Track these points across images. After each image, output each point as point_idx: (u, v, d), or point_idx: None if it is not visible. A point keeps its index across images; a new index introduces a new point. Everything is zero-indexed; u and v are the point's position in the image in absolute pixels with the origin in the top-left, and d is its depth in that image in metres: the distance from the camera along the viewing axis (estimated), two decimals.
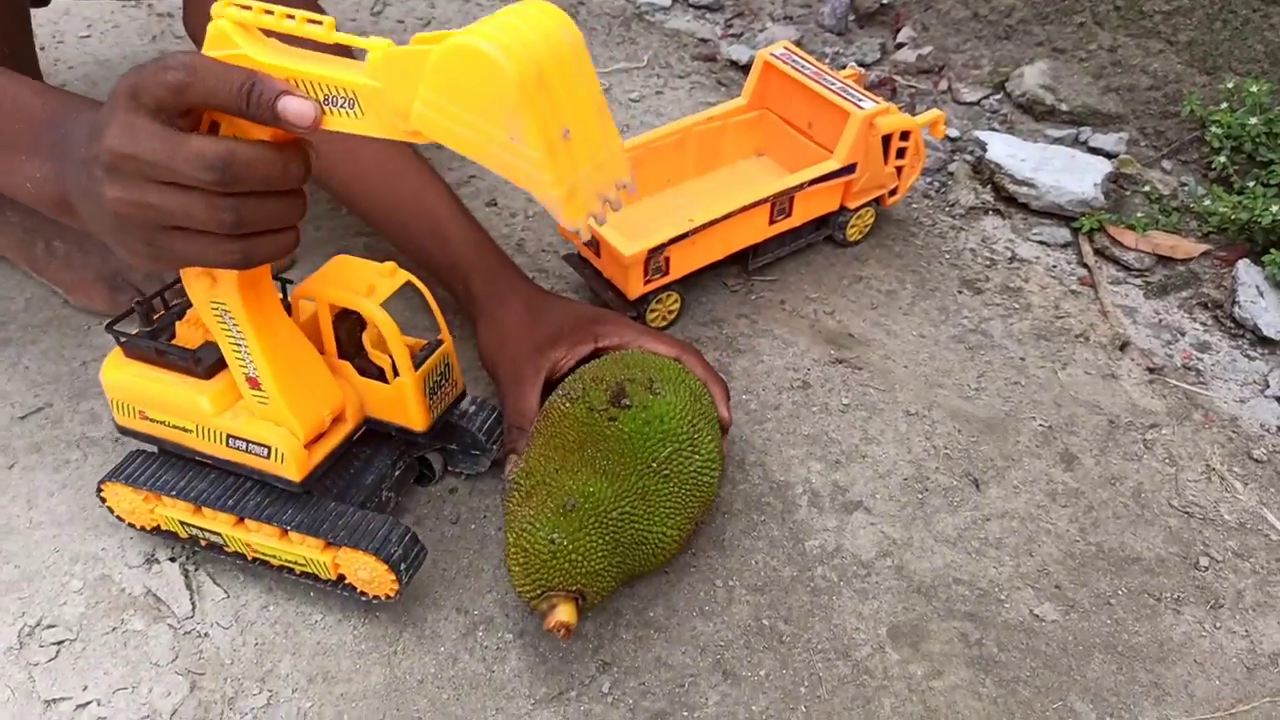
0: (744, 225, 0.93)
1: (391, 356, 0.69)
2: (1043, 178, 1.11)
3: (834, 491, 0.82)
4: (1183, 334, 1.00)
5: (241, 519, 0.72)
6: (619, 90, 1.31)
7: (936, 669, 0.70)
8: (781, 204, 0.94)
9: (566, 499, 0.64)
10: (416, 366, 0.70)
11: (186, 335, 0.70)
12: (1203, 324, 1.00)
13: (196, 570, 0.77)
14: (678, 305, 0.95)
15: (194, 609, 0.75)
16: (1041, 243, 1.10)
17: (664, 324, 0.96)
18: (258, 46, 0.51)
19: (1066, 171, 1.13)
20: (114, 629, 0.74)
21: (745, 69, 1.38)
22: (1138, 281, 1.05)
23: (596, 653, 0.71)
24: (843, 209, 1.00)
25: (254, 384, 0.65)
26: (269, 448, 0.67)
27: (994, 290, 1.01)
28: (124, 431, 0.74)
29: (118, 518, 0.77)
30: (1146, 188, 1.16)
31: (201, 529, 0.74)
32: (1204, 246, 1.08)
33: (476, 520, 0.80)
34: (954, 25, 1.45)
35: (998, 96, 1.35)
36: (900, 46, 1.47)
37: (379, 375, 0.71)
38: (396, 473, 0.76)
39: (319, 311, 0.71)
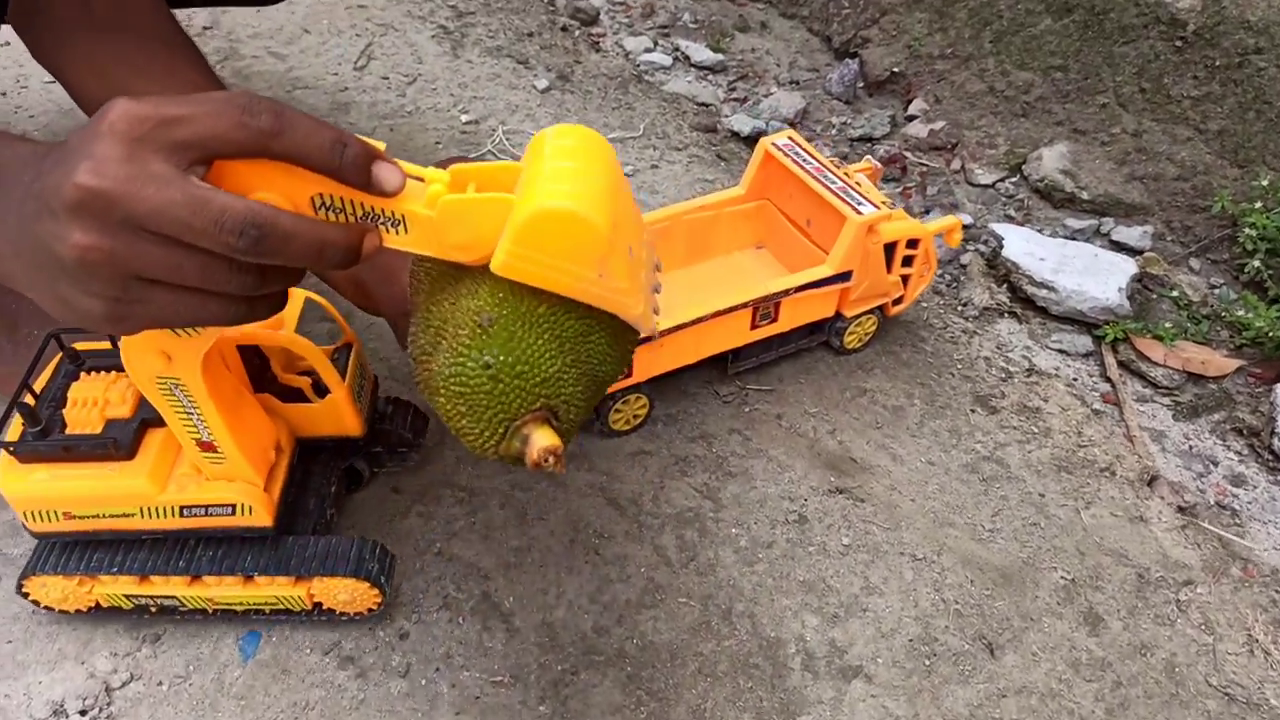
0: (721, 329, 0.83)
1: (315, 375, 0.67)
2: (1064, 280, 1.01)
3: (831, 652, 0.72)
4: (1216, 464, 0.89)
5: (197, 577, 0.66)
6: None
7: None
8: (765, 309, 0.84)
9: (477, 317, 0.47)
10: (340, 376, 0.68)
11: (80, 419, 0.61)
12: (1237, 453, 0.90)
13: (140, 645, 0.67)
14: (645, 409, 0.85)
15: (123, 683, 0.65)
16: (1061, 351, 1.00)
17: (629, 427, 0.85)
18: None
19: (1089, 273, 1.03)
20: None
21: (747, 141, 1.28)
22: (1166, 401, 0.95)
23: None
24: (839, 315, 0.90)
25: (207, 447, 0.60)
26: (234, 505, 0.63)
27: (1010, 410, 0.91)
28: (43, 536, 0.65)
29: (45, 609, 0.69)
30: (1174, 292, 1.06)
31: (151, 596, 0.67)
32: (1237, 362, 0.98)
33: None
34: (968, 99, 1.35)
35: (1014, 179, 1.25)
36: (911, 119, 1.37)
37: (299, 397, 0.68)
38: (333, 488, 0.72)
39: (225, 352, 0.63)
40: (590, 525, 0.79)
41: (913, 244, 0.89)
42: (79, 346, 0.66)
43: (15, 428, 0.61)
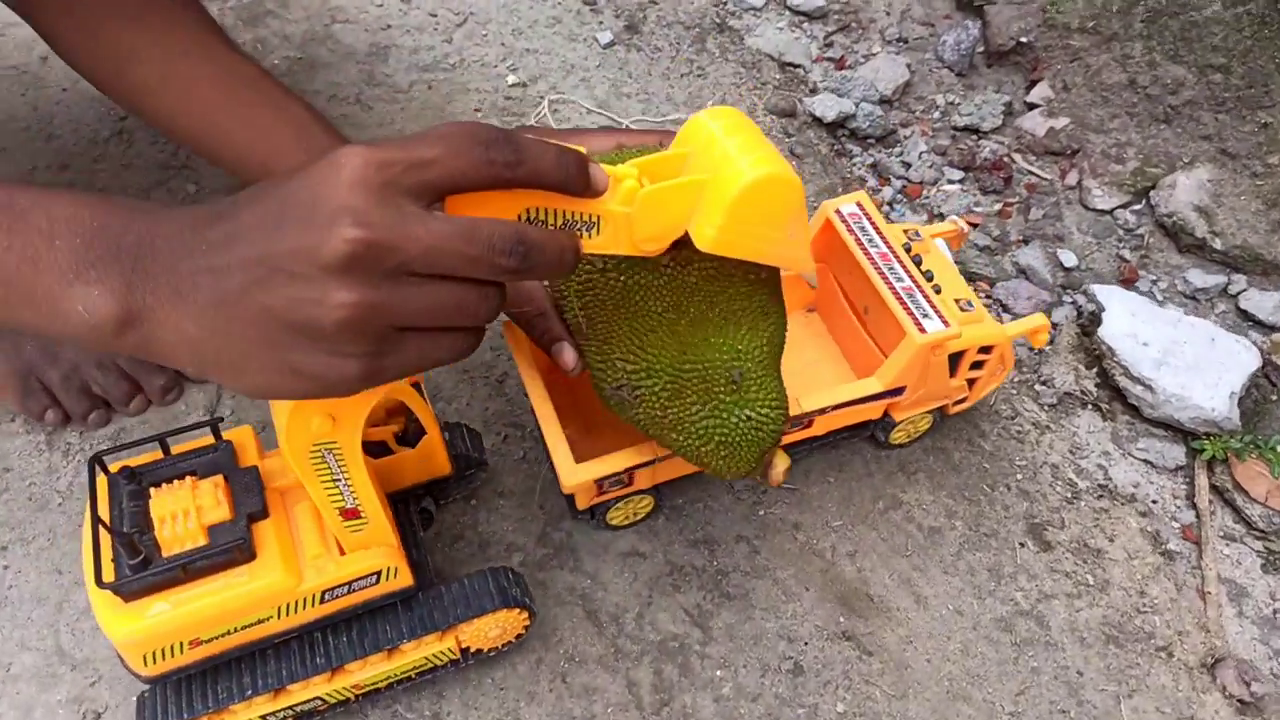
0: None
1: (415, 421, 0.64)
2: (1166, 379, 0.86)
3: None
4: None
5: (339, 668, 0.62)
6: None
7: None
8: (796, 420, 0.72)
9: (728, 373, 0.57)
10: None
11: (178, 536, 0.54)
12: None
13: None
14: (650, 505, 0.75)
15: None
16: (1147, 463, 0.85)
17: (629, 522, 0.76)
18: None
19: (1199, 369, 0.87)
20: None
21: (830, 130, 1.11)
22: (1259, 546, 0.81)
23: None
24: (886, 416, 0.78)
25: (351, 514, 0.57)
26: (379, 572, 0.59)
27: (1067, 547, 0.79)
28: (159, 679, 0.59)
29: None
30: None
31: (289, 708, 0.63)
32: None
33: None
34: (1103, 91, 1.14)
35: (1137, 208, 1.06)
36: (1032, 109, 1.17)
37: (382, 450, 0.65)
38: (419, 533, 0.68)
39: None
40: (563, 643, 0.72)
41: (986, 349, 0.75)
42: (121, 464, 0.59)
43: (105, 567, 0.54)
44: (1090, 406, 0.88)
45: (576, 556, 0.77)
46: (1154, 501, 0.82)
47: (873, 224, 0.75)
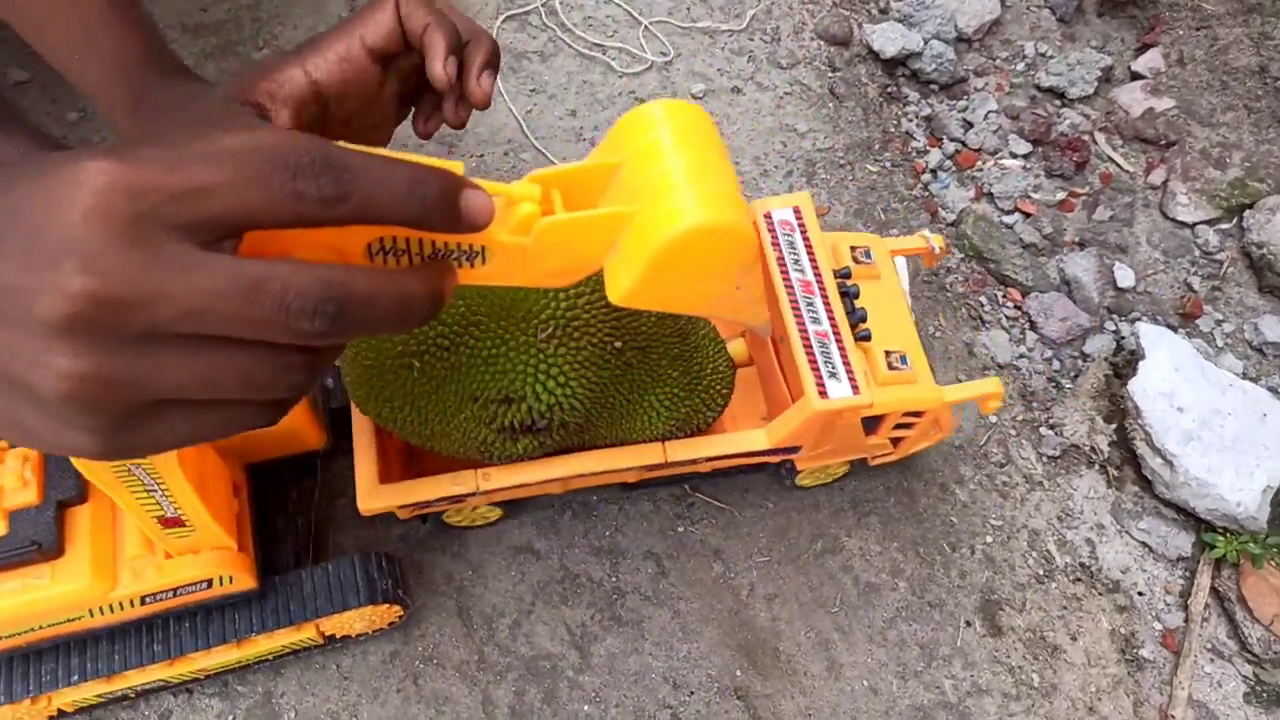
0: (595, 477, 0.62)
1: None
2: (1191, 457, 0.72)
3: None
4: None
5: (179, 657, 0.57)
6: (684, 69, 0.91)
7: None
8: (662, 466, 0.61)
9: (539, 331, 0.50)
10: None
11: None
12: None
13: None
14: (498, 515, 0.66)
15: None
16: (1145, 546, 0.73)
17: (472, 525, 0.67)
18: None
19: (1235, 450, 0.73)
20: None
21: (887, 67, 0.94)
22: (1246, 671, 0.70)
23: None
24: (786, 461, 0.66)
25: (173, 523, 0.50)
26: (209, 580, 0.53)
27: (1019, 636, 0.68)
28: None
29: None
30: None
31: (127, 689, 0.59)
32: None
33: None
34: (1224, 74, 0.95)
35: (1225, 227, 0.90)
36: (1136, 80, 0.98)
37: None
38: (295, 494, 0.63)
39: None
40: (425, 639, 0.65)
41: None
42: None
43: None
44: (1097, 468, 0.75)
45: (464, 542, 0.68)
46: (1140, 594, 0.71)
47: (805, 239, 0.60)
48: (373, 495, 0.54)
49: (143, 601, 0.52)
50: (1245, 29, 0.96)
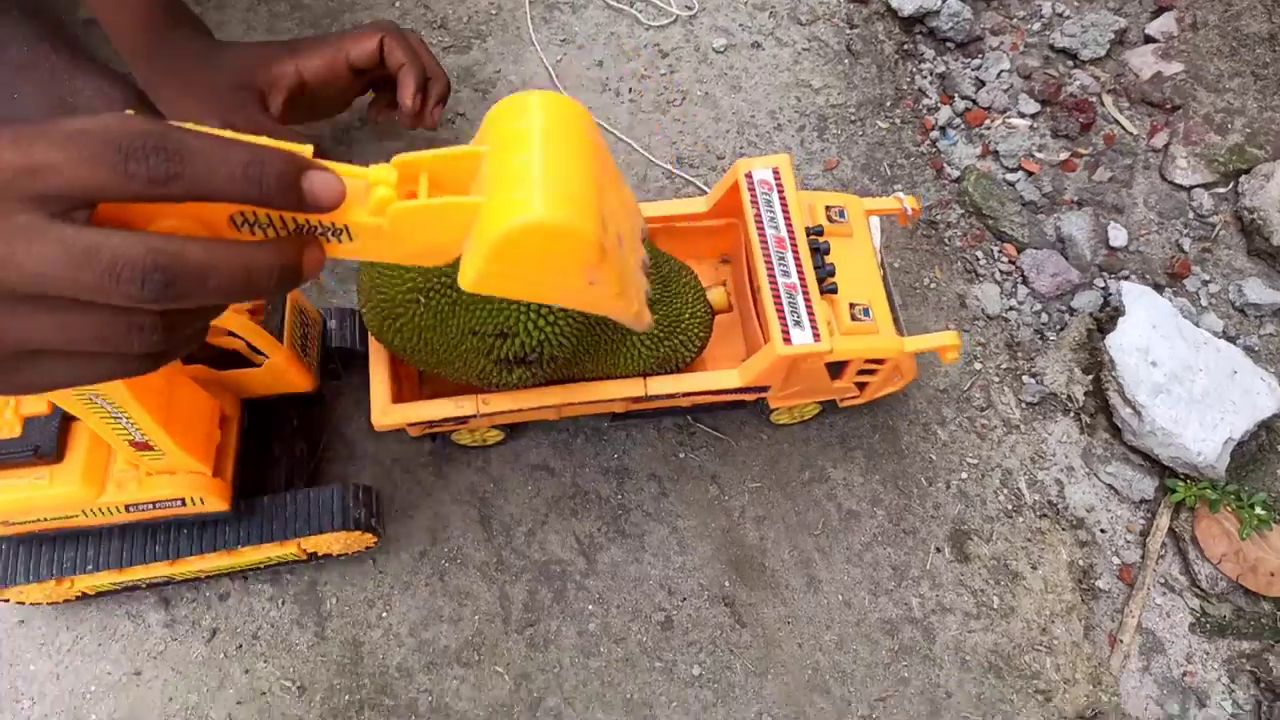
0: (589, 404, 0.69)
1: (249, 343, 0.60)
2: (1159, 409, 0.78)
3: None
4: (1202, 705, 0.74)
5: (178, 559, 0.65)
6: (707, 23, 0.96)
7: None
8: (646, 399, 0.68)
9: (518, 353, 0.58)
10: (278, 336, 0.61)
11: None
12: (1239, 706, 0.73)
13: None
14: (499, 436, 0.74)
15: None
16: (1111, 489, 0.80)
17: (477, 444, 0.75)
18: None
19: (1203, 404, 0.79)
20: None
21: (905, 25, 0.98)
22: (1194, 604, 0.77)
23: None
24: (761, 399, 0.73)
25: (143, 447, 0.55)
26: (182, 499, 0.59)
27: (984, 563, 0.75)
28: None
29: (34, 604, 0.69)
30: None
31: (137, 580, 0.67)
32: None
33: None
34: (1234, 40, 0.98)
35: (1221, 191, 0.94)
36: (1149, 42, 1.02)
37: (238, 360, 0.61)
38: (295, 422, 0.68)
39: None
40: (450, 541, 0.73)
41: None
42: None
43: None
44: (1072, 415, 0.81)
45: (487, 459, 0.76)
46: (1102, 531, 0.78)
47: (782, 198, 0.66)
48: (385, 413, 0.62)
49: (127, 509, 0.59)
50: None
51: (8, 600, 0.65)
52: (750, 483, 0.75)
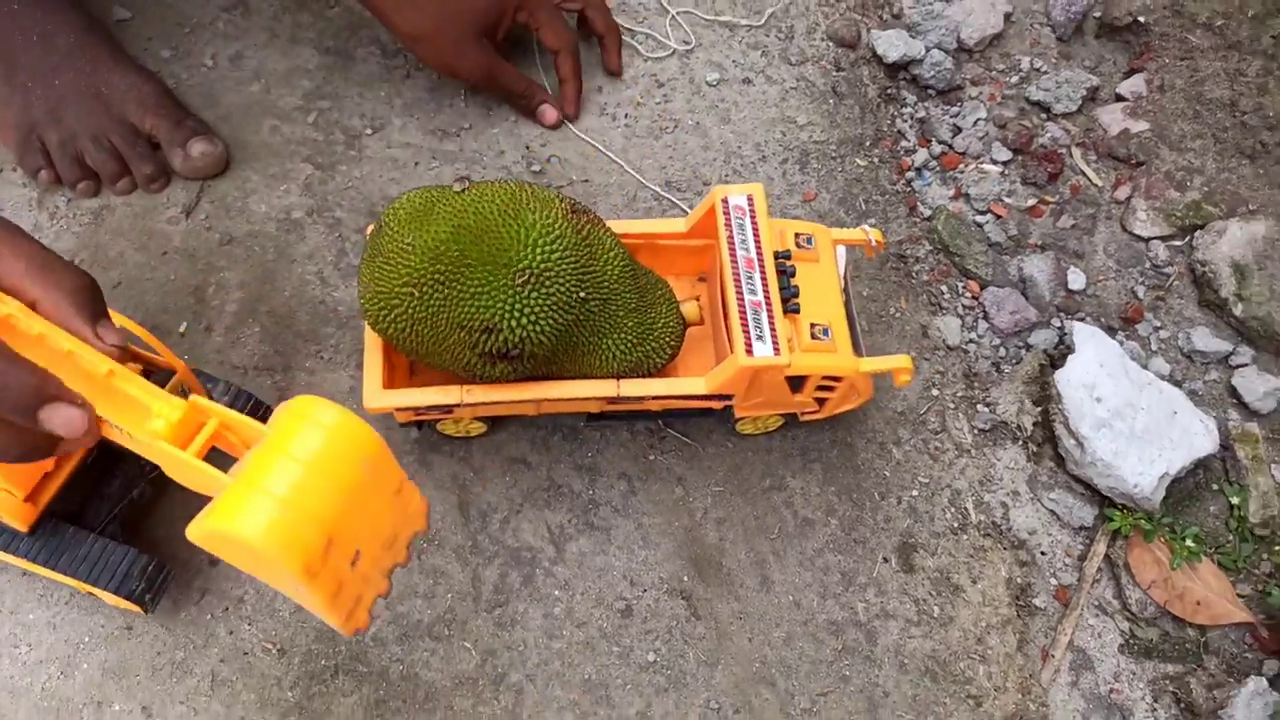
0: (565, 402, 0.74)
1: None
2: (1100, 442, 0.84)
3: None
4: None
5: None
6: (703, 58, 1.02)
7: None
8: (618, 400, 0.74)
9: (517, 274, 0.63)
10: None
11: None
12: None
13: None
14: (482, 429, 0.79)
15: None
16: (1053, 514, 0.85)
17: (461, 435, 0.80)
18: None
19: (1143, 440, 0.85)
20: None
21: (889, 71, 1.05)
22: (1124, 627, 0.82)
23: None
24: (727, 408, 0.78)
25: None
26: None
27: (928, 574, 0.81)
28: None
29: None
30: (1241, 496, 0.87)
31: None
32: (1246, 615, 0.82)
33: None
34: (1198, 104, 1.05)
35: (1177, 244, 1.00)
36: (1119, 100, 1.09)
37: None
38: (127, 492, 0.72)
39: None
40: (429, 524, 0.78)
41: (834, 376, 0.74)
42: None
43: None
44: (1020, 443, 0.87)
45: (469, 450, 0.81)
46: (1042, 553, 0.83)
47: (754, 223, 0.72)
48: (376, 397, 0.68)
49: None
50: (1224, 63, 1.06)
51: None
52: (714, 487, 0.81)
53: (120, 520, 0.72)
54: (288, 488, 0.40)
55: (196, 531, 0.42)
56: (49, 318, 0.47)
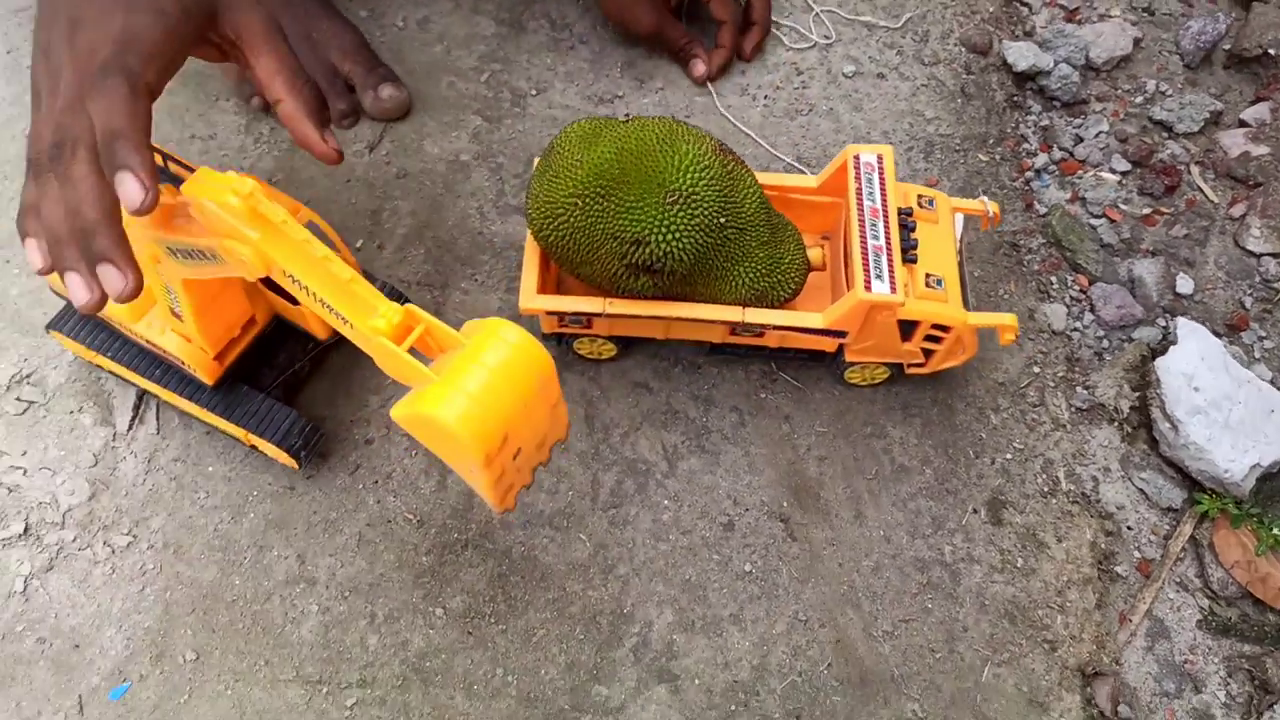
0: (695, 327, 0.82)
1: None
2: (1196, 428, 0.88)
3: (663, 651, 0.79)
4: (1198, 691, 0.82)
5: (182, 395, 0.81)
6: (841, 52, 1.11)
7: None
8: (743, 328, 0.81)
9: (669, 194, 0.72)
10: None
11: None
12: (1231, 697, 0.81)
13: (147, 397, 0.87)
14: (612, 351, 0.87)
15: (129, 430, 0.86)
16: (1142, 494, 0.89)
17: (593, 357, 0.89)
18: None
19: (1239, 430, 0.88)
20: (72, 412, 0.87)
21: (1018, 80, 1.12)
22: (1204, 603, 0.85)
23: None
24: (841, 353, 0.85)
25: (175, 315, 0.72)
26: (183, 361, 0.75)
27: (1015, 529, 0.86)
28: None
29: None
30: None
31: (136, 381, 0.83)
32: None
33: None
34: None
35: None
36: (1242, 126, 1.13)
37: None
38: (290, 364, 0.82)
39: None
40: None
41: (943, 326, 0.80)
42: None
43: None
44: (1116, 424, 0.92)
45: (598, 371, 0.90)
46: (1129, 528, 0.87)
47: (882, 179, 0.79)
48: (530, 299, 0.78)
49: (149, 343, 0.76)
50: None
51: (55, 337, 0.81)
52: (819, 427, 0.88)
53: (284, 386, 0.84)
54: (479, 388, 0.49)
55: (401, 412, 0.51)
56: (287, 119, 0.61)
